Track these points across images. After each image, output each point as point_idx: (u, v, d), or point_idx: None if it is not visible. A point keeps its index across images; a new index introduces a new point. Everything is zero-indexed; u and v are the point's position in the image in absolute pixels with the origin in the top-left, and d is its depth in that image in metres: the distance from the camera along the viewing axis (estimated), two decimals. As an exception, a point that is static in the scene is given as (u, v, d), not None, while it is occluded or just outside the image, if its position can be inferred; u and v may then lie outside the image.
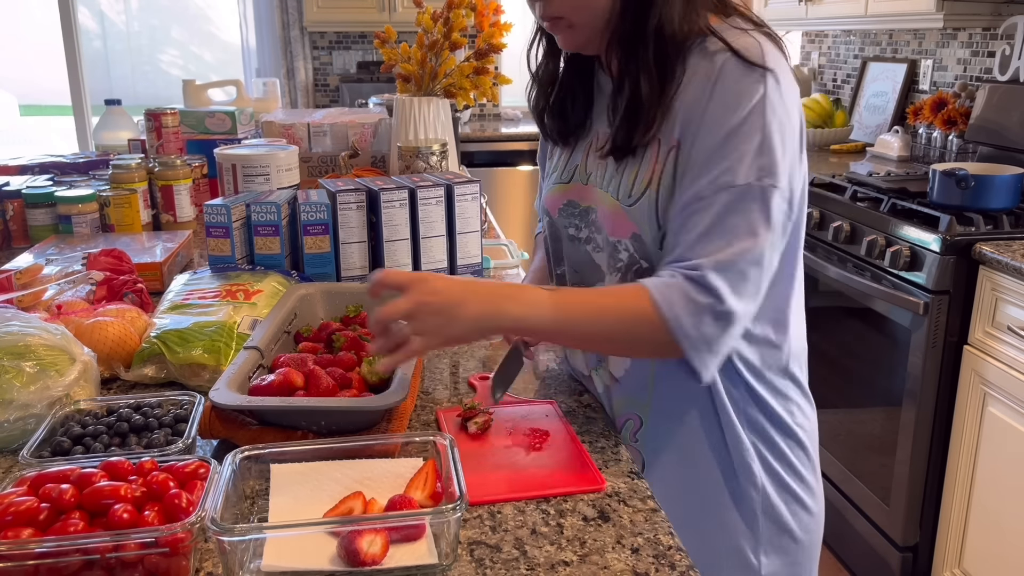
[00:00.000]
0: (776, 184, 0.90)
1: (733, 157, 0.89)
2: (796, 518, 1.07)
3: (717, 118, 0.90)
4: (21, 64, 8.75)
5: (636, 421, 1.06)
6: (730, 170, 0.89)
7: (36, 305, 1.26)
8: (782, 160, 0.90)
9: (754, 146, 0.89)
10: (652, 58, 0.94)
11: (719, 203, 0.89)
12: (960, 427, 2.04)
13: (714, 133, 0.91)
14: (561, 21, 0.99)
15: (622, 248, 1.00)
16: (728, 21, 0.97)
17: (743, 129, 0.89)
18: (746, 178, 0.89)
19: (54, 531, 0.71)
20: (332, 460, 0.88)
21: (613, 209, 1.00)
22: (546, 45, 1.10)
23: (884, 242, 2.18)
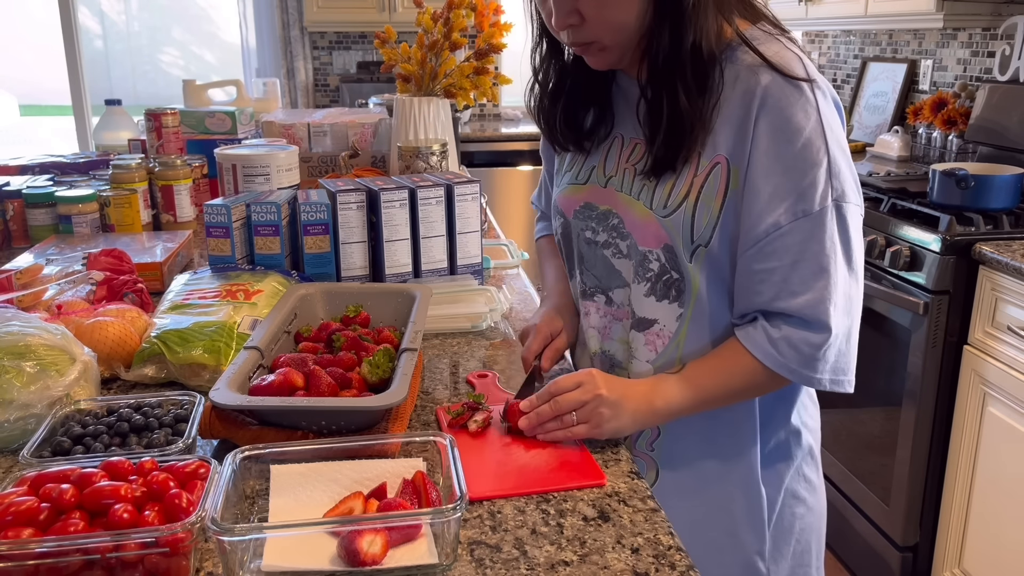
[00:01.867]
0: (848, 199, 0.93)
1: (805, 183, 0.91)
2: (802, 521, 1.07)
3: (778, 144, 0.91)
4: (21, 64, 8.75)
5: (654, 430, 1.06)
6: (804, 197, 0.91)
7: (36, 305, 1.26)
8: (848, 174, 0.93)
9: (823, 170, 0.91)
10: (691, 75, 0.93)
11: (802, 231, 0.91)
12: (960, 427, 2.04)
13: (778, 160, 0.91)
14: (593, 45, 0.97)
15: (653, 258, 1.00)
16: (758, 26, 0.97)
17: (808, 154, 0.91)
18: (822, 203, 0.91)
19: (54, 531, 0.71)
20: (332, 460, 0.88)
21: (645, 218, 0.99)
22: (548, 49, 1.08)
23: (884, 242, 2.18)
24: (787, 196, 0.91)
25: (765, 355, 0.94)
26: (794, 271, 0.92)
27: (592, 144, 1.09)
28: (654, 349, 1.03)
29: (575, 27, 0.95)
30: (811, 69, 0.94)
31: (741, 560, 1.05)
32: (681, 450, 1.05)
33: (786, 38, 0.96)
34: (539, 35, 1.08)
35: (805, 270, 0.92)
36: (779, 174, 0.91)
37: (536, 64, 1.10)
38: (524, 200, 4.09)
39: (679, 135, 0.94)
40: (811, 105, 0.91)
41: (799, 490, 1.07)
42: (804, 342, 0.93)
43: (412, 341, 1.07)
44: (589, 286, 1.10)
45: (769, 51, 0.93)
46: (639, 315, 1.03)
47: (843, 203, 0.92)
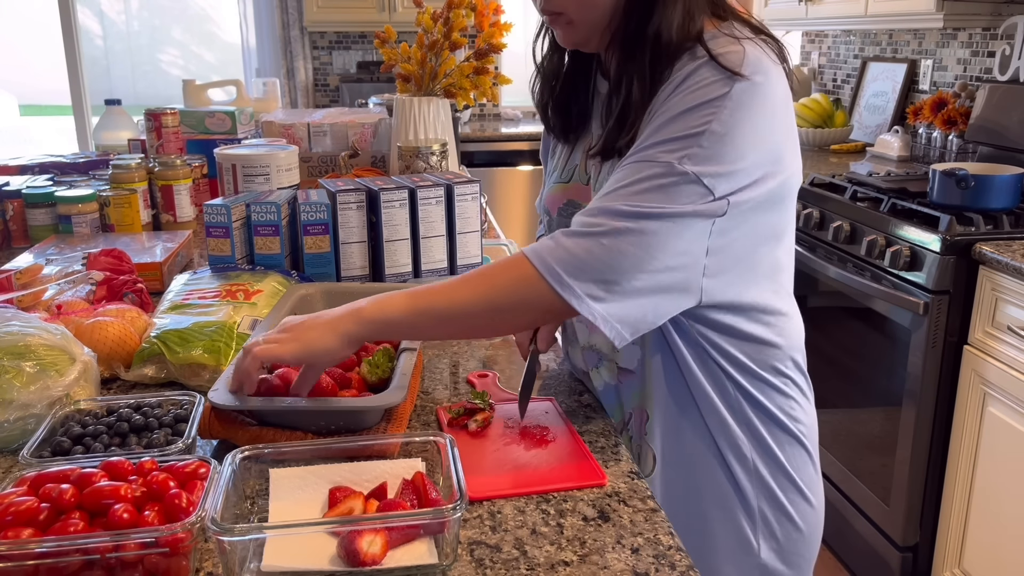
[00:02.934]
0: (699, 176, 0.86)
1: (664, 134, 0.89)
2: (796, 507, 1.08)
3: (673, 104, 0.90)
4: (21, 64, 8.75)
5: (644, 415, 1.07)
6: (656, 145, 0.88)
7: (36, 305, 1.26)
8: (719, 160, 0.86)
9: (689, 132, 0.87)
10: (648, 63, 0.94)
11: (630, 166, 0.89)
12: (960, 427, 2.04)
13: (665, 114, 0.90)
14: (561, 17, 0.99)
15: None
16: (723, 26, 0.96)
17: (687, 116, 0.88)
18: (667, 157, 0.87)
19: (54, 531, 0.71)
20: (331, 462, 0.88)
21: None
22: (551, 38, 1.10)
23: (884, 242, 2.18)
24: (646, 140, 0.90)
25: (534, 253, 0.87)
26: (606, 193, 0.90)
27: (576, 138, 1.11)
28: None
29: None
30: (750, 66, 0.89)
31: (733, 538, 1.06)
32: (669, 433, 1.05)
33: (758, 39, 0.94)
34: (542, 24, 1.09)
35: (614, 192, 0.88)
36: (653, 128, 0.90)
37: (536, 51, 1.13)
38: (524, 200, 4.09)
39: (624, 117, 0.95)
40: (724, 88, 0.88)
41: (796, 481, 1.08)
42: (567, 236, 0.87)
43: (412, 341, 1.07)
44: None
45: (723, 48, 0.91)
46: None
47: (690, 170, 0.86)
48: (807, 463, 1.10)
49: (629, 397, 1.08)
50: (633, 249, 0.86)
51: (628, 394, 1.08)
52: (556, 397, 1.11)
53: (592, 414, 1.08)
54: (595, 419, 1.06)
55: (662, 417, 1.06)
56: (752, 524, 1.06)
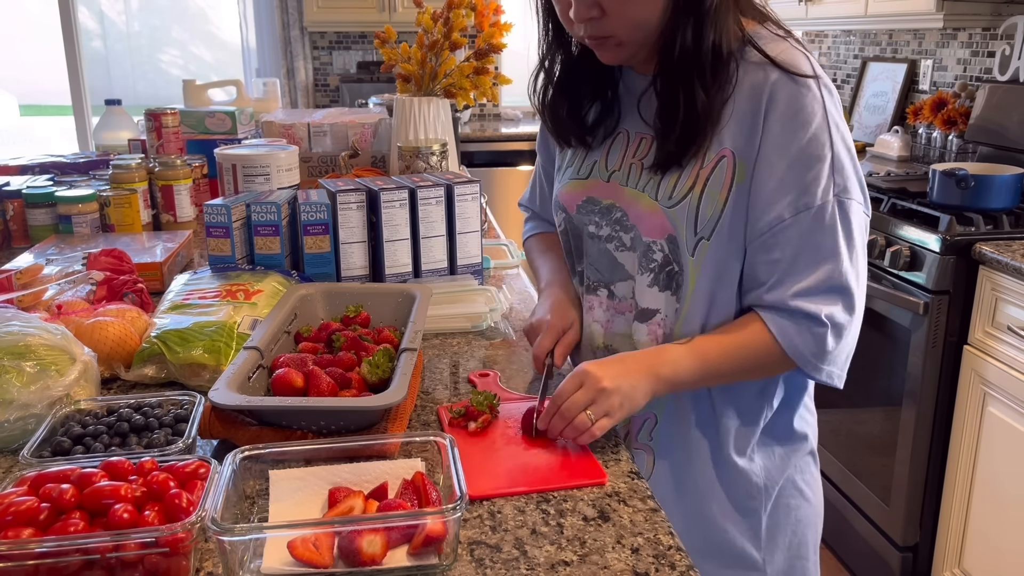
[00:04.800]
0: (852, 196, 0.94)
1: (808, 178, 0.92)
2: (799, 511, 1.08)
3: (784, 139, 0.93)
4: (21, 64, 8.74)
5: (652, 419, 1.07)
6: (807, 191, 0.93)
7: (36, 305, 1.26)
8: (852, 171, 0.94)
9: (827, 165, 0.92)
10: (710, 73, 0.94)
11: (804, 224, 0.93)
12: (960, 427, 2.04)
13: (783, 155, 0.93)
14: (610, 40, 0.97)
15: (656, 249, 1.01)
16: (765, 26, 0.98)
17: (813, 149, 0.92)
18: (824, 197, 0.92)
19: (54, 531, 0.71)
20: (331, 461, 0.88)
21: (650, 210, 1.00)
22: (554, 40, 1.08)
23: (884, 242, 2.18)
24: (791, 189, 0.93)
25: (781, 333, 0.95)
26: (795, 263, 0.94)
27: (595, 139, 1.09)
28: (655, 338, 1.04)
29: (594, 21, 0.95)
30: (817, 67, 0.95)
31: (736, 549, 1.06)
32: (679, 437, 1.06)
33: (792, 39, 0.97)
34: (545, 25, 1.08)
35: (807, 260, 0.94)
36: (784, 168, 0.93)
37: (542, 55, 1.10)
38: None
39: (693, 131, 0.95)
40: (817, 102, 0.93)
41: (798, 482, 1.08)
42: (807, 326, 0.95)
43: (412, 341, 1.07)
44: (592, 280, 1.11)
45: (776, 50, 0.94)
46: (641, 306, 1.04)
47: (845, 199, 0.93)
48: (810, 463, 1.11)
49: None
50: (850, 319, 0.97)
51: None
52: (556, 397, 1.11)
53: (592, 414, 1.07)
54: (595, 419, 1.06)
55: (671, 422, 1.06)
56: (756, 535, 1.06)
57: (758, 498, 1.06)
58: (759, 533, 1.06)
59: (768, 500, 1.07)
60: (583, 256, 1.13)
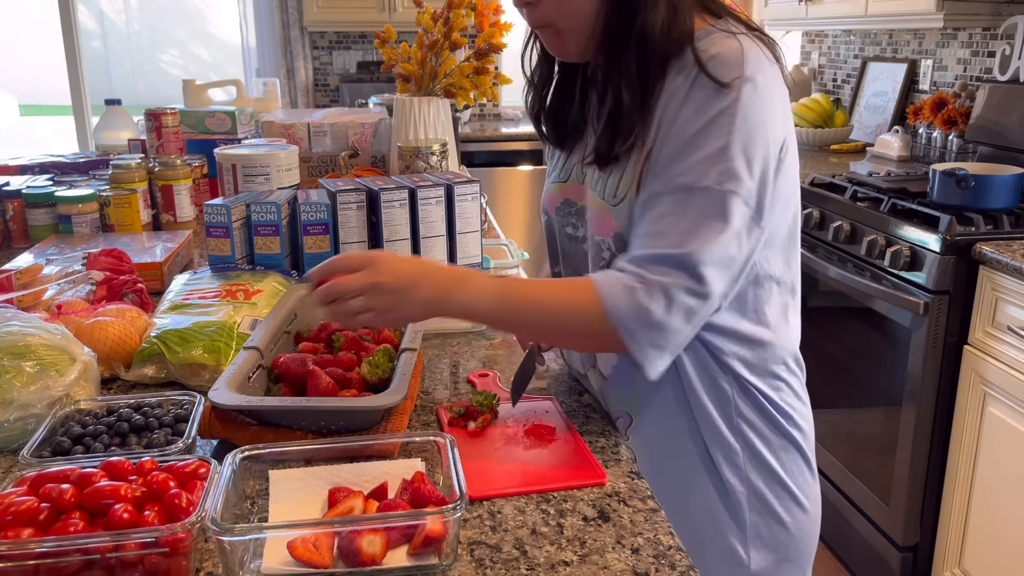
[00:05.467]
0: (736, 190, 0.88)
1: (693, 159, 0.89)
2: (789, 513, 1.06)
3: (685, 121, 0.90)
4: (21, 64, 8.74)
5: (627, 419, 1.06)
6: (689, 171, 0.89)
7: (36, 305, 1.26)
8: (745, 167, 0.88)
9: (716, 150, 0.88)
10: (634, 68, 0.93)
11: (674, 202, 0.89)
12: (960, 427, 2.04)
13: (680, 135, 0.90)
14: (550, 28, 0.98)
15: (605, 247, 1.01)
16: (718, 23, 0.96)
17: (708, 131, 0.89)
18: (704, 181, 0.88)
19: (54, 531, 0.71)
20: (331, 461, 0.88)
21: (600, 209, 1.01)
22: (540, 48, 1.10)
23: (884, 242, 2.18)
24: (675, 167, 0.90)
25: (607, 289, 0.88)
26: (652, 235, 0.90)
27: (572, 143, 1.10)
28: None
29: (531, 7, 0.97)
30: (752, 64, 0.90)
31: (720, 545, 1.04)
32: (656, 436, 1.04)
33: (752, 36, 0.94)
34: (530, 34, 1.09)
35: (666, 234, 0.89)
36: (676, 149, 0.90)
37: (527, 62, 1.12)
38: (524, 200, 4.09)
39: (616, 125, 0.95)
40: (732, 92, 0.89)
41: (790, 486, 1.07)
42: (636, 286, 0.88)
43: (412, 341, 1.07)
44: None
45: (717, 46, 0.91)
46: None
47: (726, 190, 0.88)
48: (803, 468, 1.08)
49: (613, 398, 1.08)
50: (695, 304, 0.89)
51: (613, 395, 1.08)
52: (556, 397, 1.11)
53: (592, 414, 1.07)
54: (595, 419, 1.06)
55: (648, 422, 1.05)
56: (742, 534, 1.04)
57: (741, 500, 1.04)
58: (746, 536, 1.05)
59: (753, 503, 1.05)
60: (563, 257, 1.14)
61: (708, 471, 1.04)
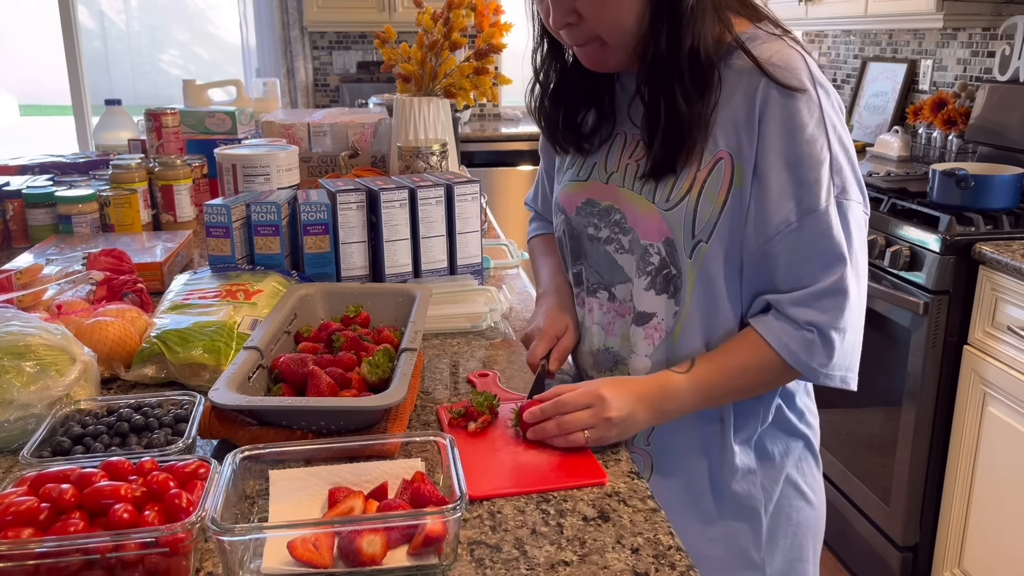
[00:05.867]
0: (851, 197, 0.94)
1: (810, 180, 0.92)
2: (800, 513, 1.07)
3: (782, 143, 0.92)
4: (21, 64, 8.75)
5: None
6: (810, 194, 0.93)
7: (36, 305, 1.26)
8: (850, 171, 0.94)
9: (827, 168, 0.93)
10: (689, 79, 0.93)
11: (808, 228, 0.93)
12: (960, 427, 2.04)
13: (783, 159, 0.93)
14: (593, 43, 0.97)
15: (654, 252, 1.01)
16: (760, 26, 0.97)
17: (812, 152, 0.92)
18: (826, 201, 0.93)
19: (54, 531, 0.71)
20: (331, 462, 0.88)
21: (647, 212, 1.00)
22: (549, 49, 1.08)
23: (884, 242, 2.18)
24: (794, 194, 0.93)
25: (782, 346, 0.95)
26: (805, 266, 0.94)
27: (592, 145, 1.09)
28: (652, 343, 1.03)
29: (572, 27, 0.96)
30: (814, 68, 0.94)
31: (736, 551, 1.06)
32: (676, 442, 1.05)
33: (789, 38, 0.97)
34: (540, 35, 1.08)
35: (816, 264, 0.94)
36: (785, 172, 0.93)
37: (537, 65, 1.10)
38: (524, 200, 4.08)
39: (678, 138, 0.95)
40: (813, 103, 0.92)
41: (799, 484, 1.08)
42: (806, 334, 0.94)
43: (412, 341, 1.07)
44: (592, 282, 1.11)
45: (770, 51, 0.93)
46: (639, 309, 1.04)
47: (844, 200, 0.94)
48: (812, 466, 1.10)
49: None
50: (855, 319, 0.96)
51: None
52: (556, 397, 1.11)
53: (592, 414, 1.07)
54: (595, 419, 1.06)
55: (668, 426, 1.05)
56: (758, 539, 1.06)
57: (758, 499, 1.05)
58: (760, 534, 1.06)
59: (769, 502, 1.06)
60: (583, 258, 1.12)
61: (726, 477, 1.04)
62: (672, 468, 1.06)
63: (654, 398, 0.97)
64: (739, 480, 1.05)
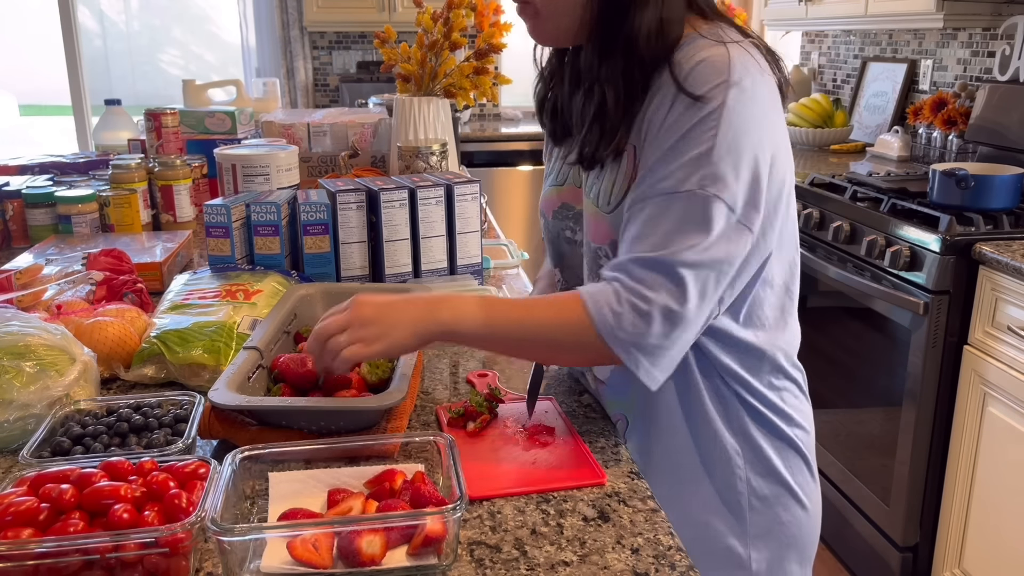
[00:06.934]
0: (720, 195, 0.87)
1: (677, 163, 0.88)
2: (790, 512, 1.06)
3: (670, 126, 0.89)
4: (21, 64, 8.75)
5: (623, 421, 1.06)
6: (671, 175, 0.88)
7: (36, 305, 1.26)
8: (731, 172, 0.87)
9: (699, 154, 0.87)
10: (620, 70, 0.92)
11: (656, 206, 0.88)
12: (960, 427, 2.04)
13: (665, 140, 0.89)
14: (528, 7, 0.97)
15: (602, 255, 1.00)
16: (706, 30, 0.93)
17: (691, 136, 0.87)
18: (686, 185, 0.87)
19: (54, 531, 0.71)
20: (331, 462, 0.88)
21: (594, 215, 1.00)
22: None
23: (884, 242, 2.18)
24: (659, 171, 0.89)
25: (587, 289, 0.88)
26: (636, 240, 0.89)
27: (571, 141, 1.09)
28: None
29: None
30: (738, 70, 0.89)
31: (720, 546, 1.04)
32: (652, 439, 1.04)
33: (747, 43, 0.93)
34: None
35: (649, 240, 0.88)
36: (660, 153, 0.89)
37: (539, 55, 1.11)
38: (524, 200, 4.09)
39: (600, 127, 0.94)
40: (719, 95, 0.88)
41: (791, 485, 1.07)
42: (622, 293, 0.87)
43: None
44: (571, 284, 1.11)
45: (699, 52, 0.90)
46: None
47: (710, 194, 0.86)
48: (803, 468, 1.08)
49: (609, 401, 1.08)
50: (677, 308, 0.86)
51: (609, 398, 1.08)
52: (556, 397, 1.11)
53: (592, 414, 1.07)
54: (595, 419, 1.06)
55: (645, 424, 1.05)
56: (743, 534, 1.04)
57: (741, 501, 1.04)
58: (745, 531, 1.05)
59: (753, 504, 1.05)
60: (561, 260, 1.13)
61: (708, 473, 1.03)
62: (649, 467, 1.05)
63: (428, 302, 0.91)
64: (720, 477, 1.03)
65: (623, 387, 1.05)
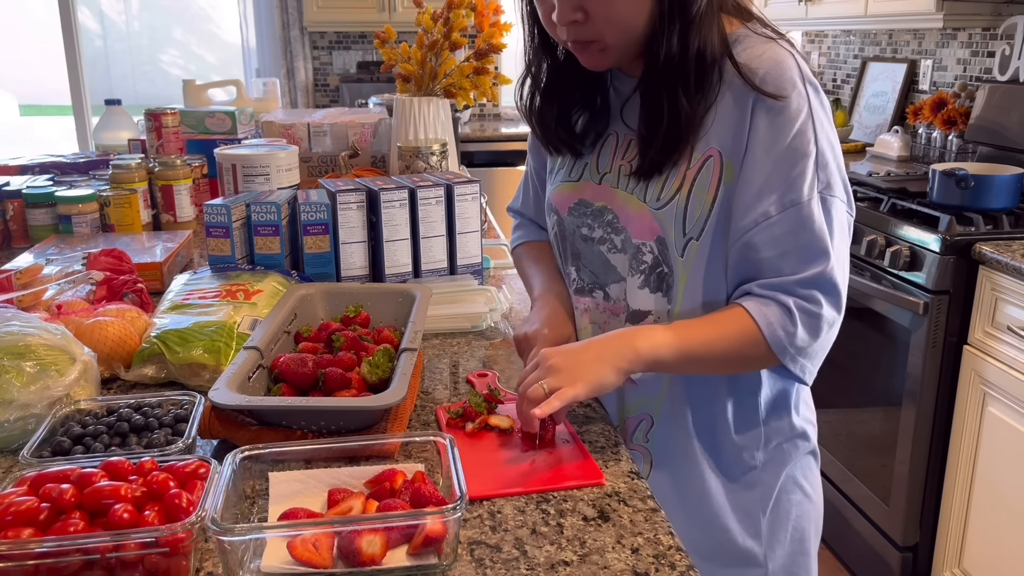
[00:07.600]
0: (835, 194, 0.94)
1: (794, 174, 0.92)
2: (800, 508, 1.08)
3: (770, 137, 0.93)
4: (21, 64, 8.75)
5: (648, 421, 1.06)
6: (793, 188, 0.92)
7: (36, 305, 1.26)
8: (835, 169, 0.94)
9: (812, 161, 0.93)
10: (693, 80, 0.94)
11: (790, 221, 0.92)
12: (960, 427, 2.04)
13: (769, 152, 0.93)
14: (595, 44, 0.96)
15: (646, 251, 1.01)
16: (750, 26, 0.97)
17: (798, 145, 0.92)
18: (809, 194, 0.92)
19: (54, 531, 0.71)
20: (331, 462, 0.88)
21: (639, 212, 1.00)
22: (540, 46, 1.07)
23: (884, 242, 2.18)
24: (777, 186, 0.93)
25: (761, 316, 0.93)
26: (786, 259, 0.93)
27: (584, 146, 1.09)
28: None
29: (578, 24, 0.94)
30: (804, 67, 0.94)
31: (737, 547, 1.06)
32: (676, 439, 1.05)
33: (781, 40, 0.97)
34: (530, 32, 1.07)
35: (796, 257, 0.93)
36: (770, 165, 0.93)
37: (528, 62, 1.09)
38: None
39: (675, 138, 0.95)
40: (803, 99, 0.93)
41: (798, 478, 1.08)
42: (789, 314, 0.93)
43: (412, 341, 1.07)
44: (586, 282, 1.11)
45: (759, 51, 0.94)
46: (633, 308, 1.04)
47: (828, 196, 0.94)
48: (811, 463, 1.11)
49: (634, 402, 1.08)
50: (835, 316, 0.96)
51: (634, 399, 1.08)
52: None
53: (592, 414, 1.07)
54: (595, 419, 1.06)
55: (667, 423, 1.05)
56: (759, 535, 1.06)
57: (759, 496, 1.06)
58: (760, 530, 1.06)
59: (769, 498, 1.06)
60: (576, 258, 1.12)
61: (728, 473, 1.05)
62: (671, 466, 1.06)
63: (623, 334, 0.95)
64: (740, 477, 1.05)
65: (654, 387, 1.05)
